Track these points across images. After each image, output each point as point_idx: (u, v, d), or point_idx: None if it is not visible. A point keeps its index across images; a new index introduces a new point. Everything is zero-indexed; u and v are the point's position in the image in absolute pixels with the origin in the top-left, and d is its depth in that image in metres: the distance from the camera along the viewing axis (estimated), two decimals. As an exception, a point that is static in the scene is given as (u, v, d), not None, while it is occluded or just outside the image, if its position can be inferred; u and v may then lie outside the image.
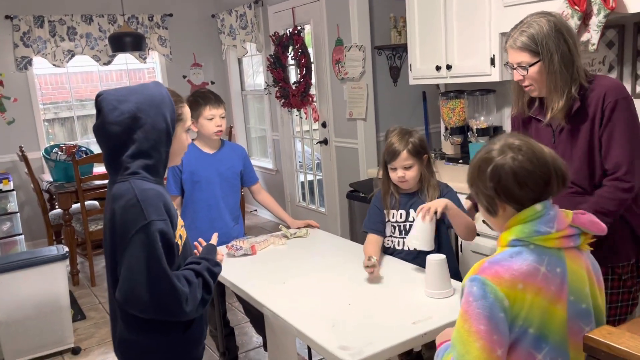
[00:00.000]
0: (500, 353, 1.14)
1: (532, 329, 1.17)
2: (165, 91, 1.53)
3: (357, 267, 2.11)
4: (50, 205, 4.81)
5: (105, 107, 1.45)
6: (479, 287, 1.16)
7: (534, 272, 1.17)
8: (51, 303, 3.04)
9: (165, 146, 1.50)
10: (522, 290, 1.15)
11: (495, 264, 1.19)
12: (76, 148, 4.49)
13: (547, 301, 1.18)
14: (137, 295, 1.36)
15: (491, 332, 1.13)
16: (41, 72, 5.25)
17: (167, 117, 1.49)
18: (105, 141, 1.48)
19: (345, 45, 4.07)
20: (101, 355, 3.12)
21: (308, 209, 5.09)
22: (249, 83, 5.97)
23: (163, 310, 1.40)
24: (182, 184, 2.59)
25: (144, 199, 1.41)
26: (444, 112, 3.38)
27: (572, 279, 1.21)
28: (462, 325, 1.17)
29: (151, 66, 5.83)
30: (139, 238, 1.37)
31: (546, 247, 1.20)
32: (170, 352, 1.53)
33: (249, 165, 2.76)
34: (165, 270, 1.38)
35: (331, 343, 1.52)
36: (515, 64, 1.79)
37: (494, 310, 1.14)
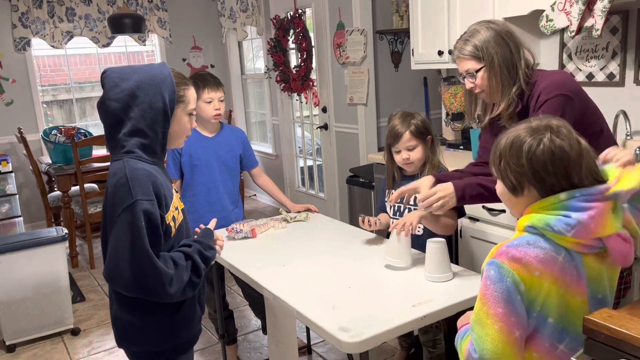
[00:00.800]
0: (519, 335, 1.16)
1: (552, 319, 1.19)
2: (169, 71, 1.52)
3: (357, 251, 2.12)
4: (49, 188, 4.81)
5: (107, 83, 1.48)
6: (496, 271, 1.17)
7: (552, 261, 1.17)
8: (51, 284, 3.05)
9: (162, 126, 1.50)
10: (538, 278, 1.16)
11: (513, 248, 1.19)
12: (75, 130, 4.47)
13: (565, 291, 1.18)
14: (120, 273, 1.38)
15: (509, 315, 1.15)
16: (40, 53, 5.21)
17: (166, 97, 1.49)
18: (104, 117, 1.50)
19: (347, 29, 4.04)
20: (100, 336, 3.14)
21: (307, 194, 5.09)
22: (249, 67, 5.94)
23: (145, 290, 1.41)
24: (182, 168, 2.58)
25: (133, 178, 1.42)
26: (445, 97, 3.37)
27: (589, 272, 1.21)
28: (480, 307, 1.19)
29: (150, 49, 5.79)
30: (125, 217, 1.39)
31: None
32: (160, 332, 1.55)
33: (249, 148, 2.75)
34: (147, 251, 1.39)
35: (331, 325, 1.52)
36: (464, 72, 1.84)
37: (511, 293, 1.15)
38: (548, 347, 1.20)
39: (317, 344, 2.90)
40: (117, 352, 2.95)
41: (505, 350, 1.16)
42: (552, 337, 1.20)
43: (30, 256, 2.97)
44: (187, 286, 1.47)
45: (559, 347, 1.21)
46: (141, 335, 1.55)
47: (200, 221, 2.52)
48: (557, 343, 1.21)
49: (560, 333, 1.20)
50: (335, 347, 1.52)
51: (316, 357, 2.81)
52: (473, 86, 1.83)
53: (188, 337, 1.62)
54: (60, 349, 3.03)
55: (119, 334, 1.59)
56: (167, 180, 1.55)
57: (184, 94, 1.56)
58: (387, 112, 4.20)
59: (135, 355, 1.62)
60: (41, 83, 5.26)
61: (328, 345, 2.87)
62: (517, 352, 1.17)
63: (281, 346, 1.84)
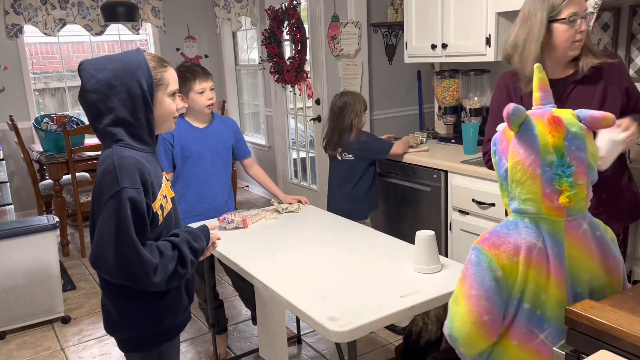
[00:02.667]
0: (487, 319, 1.19)
1: (528, 304, 1.20)
2: (143, 57, 1.52)
3: (347, 242, 2.14)
4: (41, 176, 4.79)
5: (83, 76, 1.48)
6: (476, 255, 1.21)
7: (531, 247, 1.19)
8: (41, 272, 3.05)
9: (144, 112, 1.50)
10: (517, 263, 1.18)
11: (494, 234, 1.22)
12: (67, 118, 4.45)
13: (544, 278, 1.19)
14: (105, 259, 1.40)
15: (480, 298, 1.18)
16: (32, 40, 5.17)
17: (143, 83, 1.48)
18: (86, 109, 1.51)
19: (341, 21, 4.04)
20: (91, 324, 3.15)
21: (300, 186, 5.10)
22: (243, 58, 5.92)
23: (128, 277, 1.42)
24: (174, 159, 2.58)
25: (120, 165, 1.43)
26: (438, 91, 3.38)
27: (570, 263, 1.22)
28: (459, 288, 1.25)
29: (144, 38, 5.75)
30: (111, 204, 1.40)
31: (542, 223, 1.20)
32: (144, 319, 1.56)
33: (241, 138, 2.75)
34: (132, 238, 1.39)
35: (320, 314, 1.54)
36: (583, 12, 1.71)
37: (486, 278, 1.18)
38: (526, 333, 1.22)
39: (307, 334, 2.92)
40: (108, 340, 2.96)
41: (471, 331, 1.20)
42: (529, 323, 1.21)
43: (21, 244, 2.97)
44: (172, 276, 1.48)
45: (538, 336, 1.22)
46: (125, 321, 1.56)
47: (191, 211, 2.53)
48: (537, 331, 1.22)
49: (540, 321, 1.21)
50: (325, 338, 1.54)
51: (305, 347, 2.83)
52: (584, 30, 1.73)
53: (173, 325, 1.63)
54: (51, 336, 3.03)
55: (105, 320, 1.61)
56: (157, 168, 1.56)
57: (162, 77, 1.55)
58: (381, 105, 4.21)
59: (121, 342, 1.63)
60: (33, 71, 5.22)
61: (318, 336, 2.89)
62: (483, 335, 1.20)
63: (271, 336, 1.85)
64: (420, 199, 3.08)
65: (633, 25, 2.52)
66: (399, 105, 4.30)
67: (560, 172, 1.16)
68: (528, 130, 1.20)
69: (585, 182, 1.20)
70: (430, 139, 3.50)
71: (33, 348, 2.92)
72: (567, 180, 1.16)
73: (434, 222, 2.97)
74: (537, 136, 1.18)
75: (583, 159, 1.19)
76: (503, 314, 1.22)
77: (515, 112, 1.19)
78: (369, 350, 2.74)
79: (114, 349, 2.87)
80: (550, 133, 1.17)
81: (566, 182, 1.16)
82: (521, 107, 1.21)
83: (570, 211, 1.21)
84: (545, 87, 1.27)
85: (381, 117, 4.21)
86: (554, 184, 1.17)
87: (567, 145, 1.17)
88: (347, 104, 2.96)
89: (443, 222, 2.94)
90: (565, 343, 1.17)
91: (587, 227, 1.24)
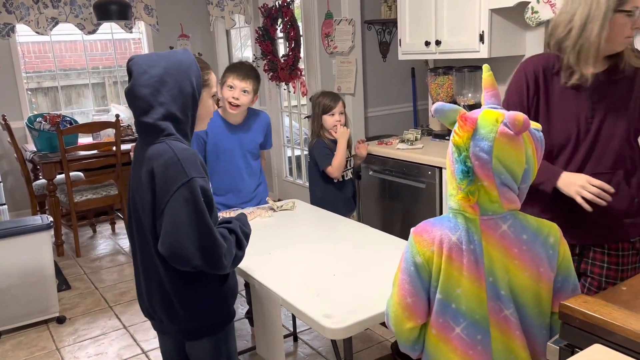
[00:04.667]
0: (411, 302, 1.26)
1: (441, 295, 1.24)
2: (193, 58, 1.60)
3: (342, 240, 2.14)
4: (34, 176, 4.76)
5: (135, 70, 1.52)
6: (408, 241, 1.28)
7: (445, 240, 1.23)
8: (36, 272, 3.04)
9: (192, 110, 1.58)
10: (433, 253, 1.23)
11: (426, 223, 1.28)
12: (60, 118, 4.42)
13: (457, 272, 1.21)
14: (184, 247, 1.43)
15: (404, 282, 1.26)
16: (24, 39, 5.14)
17: (194, 82, 1.55)
18: (134, 103, 1.53)
19: (335, 18, 4.03)
20: (86, 324, 3.14)
21: (295, 184, 5.10)
22: (237, 56, 5.91)
23: (207, 263, 1.47)
24: (206, 155, 2.59)
25: (184, 157, 1.47)
26: (432, 88, 3.39)
27: (489, 263, 1.21)
28: (397, 270, 1.31)
29: (137, 36, 5.73)
30: (181, 194, 1.44)
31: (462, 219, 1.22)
32: (214, 304, 1.62)
33: (269, 134, 2.77)
34: (209, 224, 1.46)
35: (315, 312, 1.55)
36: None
37: (409, 263, 1.26)
38: (442, 324, 1.25)
39: (303, 331, 2.93)
40: (103, 340, 2.95)
41: (398, 312, 1.28)
42: (444, 315, 1.24)
43: (15, 244, 2.95)
44: (235, 259, 1.56)
45: (455, 329, 1.24)
46: (195, 309, 1.59)
47: (224, 203, 2.59)
48: (452, 323, 1.24)
49: (455, 314, 1.23)
50: (321, 335, 1.55)
51: (302, 344, 2.84)
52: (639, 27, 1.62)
53: (233, 307, 1.70)
54: (46, 336, 3.02)
55: (168, 313, 1.60)
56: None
57: (208, 78, 1.64)
58: (375, 102, 4.22)
59: (189, 332, 1.64)
60: (26, 70, 5.19)
61: (314, 333, 2.90)
62: (408, 317, 1.27)
63: (267, 333, 1.86)
64: (414, 196, 3.09)
65: None
66: (394, 102, 4.30)
67: (460, 169, 1.20)
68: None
69: (491, 184, 1.18)
70: (425, 135, 3.51)
71: (28, 348, 2.91)
72: (463, 176, 1.19)
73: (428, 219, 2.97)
74: (453, 134, 1.22)
75: (485, 161, 1.17)
76: (427, 299, 1.27)
77: (437, 110, 1.25)
78: (365, 347, 2.75)
79: (109, 348, 2.87)
80: (454, 131, 1.21)
81: (464, 178, 1.19)
82: (446, 106, 1.24)
83: (484, 210, 1.21)
84: (489, 87, 1.27)
85: (375, 114, 4.22)
86: (457, 180, 1.21)
87: (471, 144, 1.18)
88: (312, 108, 2.97)
89: (437, 211, 2.95)
90: (559, 337, 1.18)
91: (508, 229, 1.21)
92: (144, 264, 1.61)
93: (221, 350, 1.69)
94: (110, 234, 4.74)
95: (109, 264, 4.05)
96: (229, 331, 1.72)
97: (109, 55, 5.66)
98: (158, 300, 1.60)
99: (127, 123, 4.90)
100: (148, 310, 1.68)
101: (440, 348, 1.26)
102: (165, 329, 1.69)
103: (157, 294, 1.60)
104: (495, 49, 2.85)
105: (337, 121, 2.87)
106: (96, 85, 5.64)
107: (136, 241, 1.62)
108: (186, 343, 1.69)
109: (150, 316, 1.69)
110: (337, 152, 2.85)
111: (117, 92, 5.72)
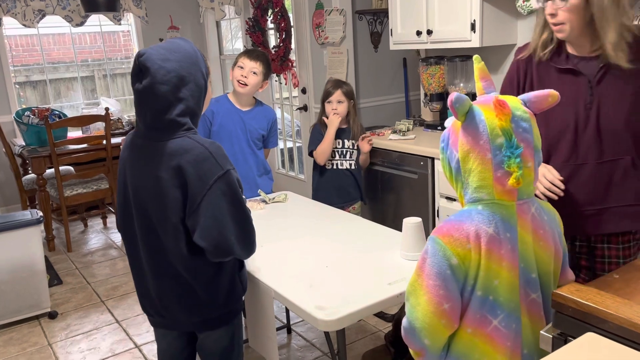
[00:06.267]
0: (447, 307, 1.19)
1: (480, 291, 1.20)
2: (195, 47, 1.58)
3: (334, 231, 2.13)
4: (24, 170, 4.71)
5: (151, 66, 1.45)
6: (432, 246, 1.22)
7: (482, 233, 1.19)
8: (26, 268, 3.01)
9: (203, 100, 1.58)
10: (470, 250, 1.19)
11: (448, 222, 1.23)
12: (49, 111, 4.38)
13: (496, 264, 1.19)
14: (225, 240, 1.46)
15: (438, 288, 1.19)
16: (11, 32, 5.07)
17: (204, 73, 1.55)
18: (153, 101, 1.47)
19: (326, 9, 4.00)
20: (78, 319, 3.12)
21: (287, 176, 5.08)
22: (228, 47, 5.86)
23: (245, 250, 1.53)
24: (210, 136, 2.60)
25: (215, 151, 1.48)
26: (424, 78, 3.37)
27: (523, 248, 1.22)
28: (415, 279, 1.24)
29: (126, 28, 5.67)
30: (218, 187, 1.45)
31: (495, 209, 1.21)
32: (233, 292, 1.63)
33: (275, 130, 2.80)
34: (248, 213, 1.52)
35: (308, 303, 1.54)
36: None
37: (442, 267, 1.19)
38: (479, 319, 1.22)
39: (296, 323, 2.92)
40: (96, 335, 2.93)
41: (433, 321, 1.20)
42: (482, 310, 1.21)
43: (4, 240, 2.92)
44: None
45: (492, 322, 1.22)
46: (217, 298, 1.60)
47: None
48: (490, 316, 1.21)
49: (492, 307, 1.21)
50: (314, 326, 1.54)
51: (295, 336, 2.83)
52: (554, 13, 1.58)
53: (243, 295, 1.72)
54: (38, 332, 3.00)
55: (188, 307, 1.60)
56: None
57: (208, 66, 1.63)
58: (367, 93, 4.19)
59: (207, 322, 1.64)
60: (13, 63, 5.12)
61: (307, 325, 2.89)
62: (445, 324, 1.21)
63: (260, 326, 1.85)
64: (407, 186, 3.09)
65: None
66: (385, 93, 4.28)
67: (509, 153, 1.17)
68: (474, 117, 1.21)
69: (532, 164, 1.21)
70: (417, 126, 3.50)
71: (20, 344, 2.88)
72: (515, 161, 1.17)
73: (421, 209, 2.97)
74: (484, 121, 1.19)
75: (530, 141, 1.20)
76: (461, 301, 1.23)
77: (458, 99, 1.19)
78: (358, 337, 2.75)
79: (102, 343, 2.85)
80: (497, 116, 1.18)
81: (514, 163, 1.17)
82: (464, 96, 1.21)
83: (520, 195, 1.21)
84: (486, 77, 1.28)
85: (367, 105, 4.20)
86: (504, 166, 1.18)
87: (514, 127, 1.19)
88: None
89: (430, 208, 2.95)
90: (552, 326, 1.17)
91: (535, 211, 1.24)
92: (154, 262, 1.57)
93: (235, 338, 1.72)
94: (101, 228, 4.71)
95: (101, 259, 4.03)
96: (240, 319, 1.74)
97: (97, 48, 5.60)
98: (174, 296, 1.58)
99: (117, 116, 4.85)
100: (157, 309, 1.65)
101: (476, 344, 1.22)
102: (177, 325, 1.67)
103: (172, 290, 1.58)
104: (486, 38, 2.83)
105: (333, 109, 2.91)
106: (85, 78, 5.58)
107: (142, 239, 1.57)
108: (200, 335, 1.68)
109: (160, 314, 1.66)
110: (324, 139, 2.92)
111: (107, 85, 5.66)
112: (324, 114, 2.98)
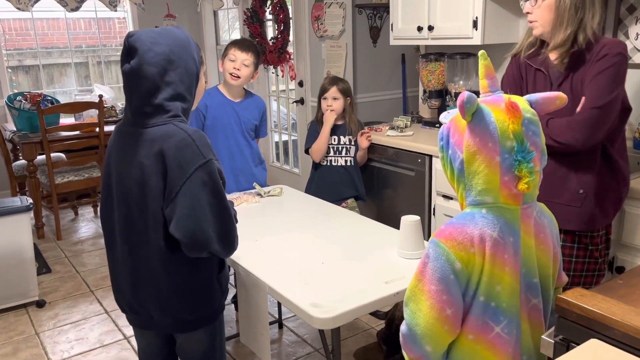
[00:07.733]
0: (450, 313, 1.16)
1: (482, 297, 1.17)
2: (189, 35, 1.55)
3: (330, 227, 2.10)
4: (14, 156, 4.64)
5: (140, 47, 1.42)
6: (433, 249, 1.17)
7: (486, 237, 1.16)
8: (15, 255, 2.96)
9: (195, 89, 1.54)
10: (474, 254, 1.15)
11: (451, 226, 1.19)
12: (41, 97, 4.30)
13: (499, 269, 1.16)
14: (202, 232, 1.39)
15: (441, 293, 1.15)
16: (4, 16, 4.98)
17: (197, 60, 1.52)
18: (140, 83, 1.44)
19: (326, 1, 3.95)
20: (66, 308, 3.07)
21: (282, 170, 5.04)
22: (225, 38, 5.79)
23: (223, 246, 1.45)
24: (204, 130, 2.58)
25: (198, 139, 1.43)
26: (423, 74, 3.34)
27: (525, 252, 1.19)
28: (415, 284, 1.20)
29: (122, 15, 5.58)
30: (198, 176, 1.39)
31: (499, 212, 1.18)
32: (213, 292, 1.58)
33: (265, 119, 2.81)
34: (228, 207, 1.45)
35: (303, 300, 1.51)
36: None
37: (445, 272, 1.15)
38: (481, 326, 1.18)
39: (288, 318, 2.90)
40: (84, 325, 2.89)
41: (435, 327, 1.16)
42: (484, 316, 1.17)
43: (-8, 226, 2.87)
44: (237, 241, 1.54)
45: (494, 329, 1.18)
46: (199, 299, 1.55)
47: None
48: (492, 323, 1.18)
49: (495, 313, 1.18)
50: (306, 322, 1.51)
51: (287, 331, 2.81)
52: (530, 12, 1.76)
53: (224, 299, 1.66)
54: (25, 321, 2.95)
55: (169, 310, 1.54)
56: None
57: (202, 56, 1.60)
58: (365, 88, 4.15)
59: (188, 324, 1.58)
60: (6, 47, 5.03)
61: (299, 320, 2.87)
62: (448, 330, 1.17)
63: (252, 322, 1.82)
64: (404, 184, 3.06)
65: (620, 10, 2.50)
66: (383, 88, 4.25)
67: (520, 157, 1.14)
68: (483, 118, 1.16)
69: (539, 168, 1.20)
70: (415, 123, 3.47)
71: (6, 333, 2.84)
72: (527, 166, 1.14)
73: (418, 207, 2.95)
74: (494, 123, 1.14)
75: (538, 145, 1.18)
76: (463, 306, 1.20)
77: (470, 99, 1.14)
78: (350, 334, 2.72)
79: (90, 333, 2.81)
80: (509, 119, 1.14)
81: (526, 167, 1.14)
82: (475, 96, 1.17)
83: (526, 199, 1.19)
84: (491, 75, 1.24)
85: (364, 100, 4.16)
86: (514, 170, 1.15)
87: (524, 130, 1.15)
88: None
89: (427, 206, 2.92)
90: (554, 331, 1.15)
91: (536, 215, 1.23)
92: (133, 255, 1.52)
93: (216, 339, 1.66)
94: (92, 217, 4.65)
95: (91, 248, 3.98)
96: (222, 320, 1.68)
97: (92, 34, 5.51)
98: (150, 292, 1.53)
99: (110, 104, 4.78)
100: (130, 304, 1.59)
101: (478, 351, 1.19)
102: (153, 324, 1.60)
103: (148, 285, 1.52)
104: (488, 36, 2.80)
105: (329, 106, 2.91)
106: (79, 64, 5.50)
107: (120, 231, 1.52)
108: (180, 336, 1.63)
109: (134, 310, 1.61)
110: (320, 136, 2.93)
111: (101, 72, 5.58)
112: (319, 110, 2.98)
